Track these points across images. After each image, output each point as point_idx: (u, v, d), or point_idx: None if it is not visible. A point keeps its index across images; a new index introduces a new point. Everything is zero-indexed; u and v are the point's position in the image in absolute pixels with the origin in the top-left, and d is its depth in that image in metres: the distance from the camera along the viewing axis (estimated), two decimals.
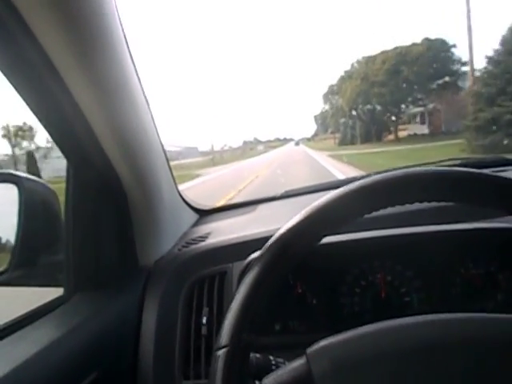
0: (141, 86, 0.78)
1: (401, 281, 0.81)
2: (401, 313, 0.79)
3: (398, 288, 0.81)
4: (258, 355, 0.52)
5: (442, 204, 0.48)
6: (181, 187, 1.11)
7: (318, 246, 0.49)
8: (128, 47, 0.71)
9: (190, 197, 1.22)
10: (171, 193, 1.02)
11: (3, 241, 0.80)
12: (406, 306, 0.80)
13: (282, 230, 0.49)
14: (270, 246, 0.48)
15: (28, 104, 0.63)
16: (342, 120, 34.06)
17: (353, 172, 9.46)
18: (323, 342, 0.43)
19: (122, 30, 0.68)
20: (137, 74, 0.76)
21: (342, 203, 0.47)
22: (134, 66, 0.75)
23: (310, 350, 0.43)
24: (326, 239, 0.50)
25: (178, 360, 0.79)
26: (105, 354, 0.72)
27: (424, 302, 0.80)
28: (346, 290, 0.82)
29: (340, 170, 10.85)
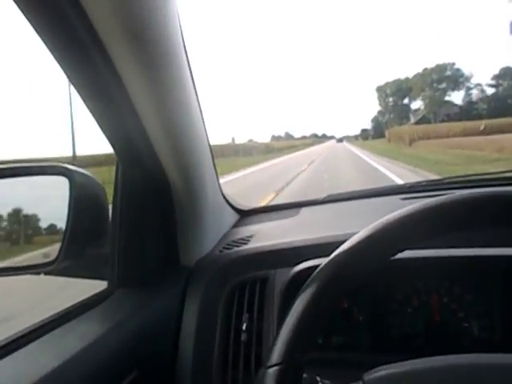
0: (194, 87, 0.78)
1: (459, 304, 0.74)
2: (458, 340, 0.74)
3: (455, 312, 0.74)
4: (304, 375, 0.49)
5: None
6: None
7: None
8: (185, 51, 0.71)
9: None
10: (215, 192, 1.01)
11: (57, 228, 0.83)
12: (463, 333, 0.74)
13: (350, 243, 0.44)
14: (334, 259, 0.44)
15: (85, 103, 0.64)
16: None
17: None
18: (383, 371, 0.40)
19: (182, 35, 0.68)
20: (191, 76, 0.76)
21: (421, 219, 0.43)
22: (190, 68, 0.75)
23: (369, 376, 0.40)
24: None
25: (215, 365, 0.78)
26: (145, 353, 0.72)
27: (485, 329, 0.73)
28: (396, 308, 0.76)
29: None
